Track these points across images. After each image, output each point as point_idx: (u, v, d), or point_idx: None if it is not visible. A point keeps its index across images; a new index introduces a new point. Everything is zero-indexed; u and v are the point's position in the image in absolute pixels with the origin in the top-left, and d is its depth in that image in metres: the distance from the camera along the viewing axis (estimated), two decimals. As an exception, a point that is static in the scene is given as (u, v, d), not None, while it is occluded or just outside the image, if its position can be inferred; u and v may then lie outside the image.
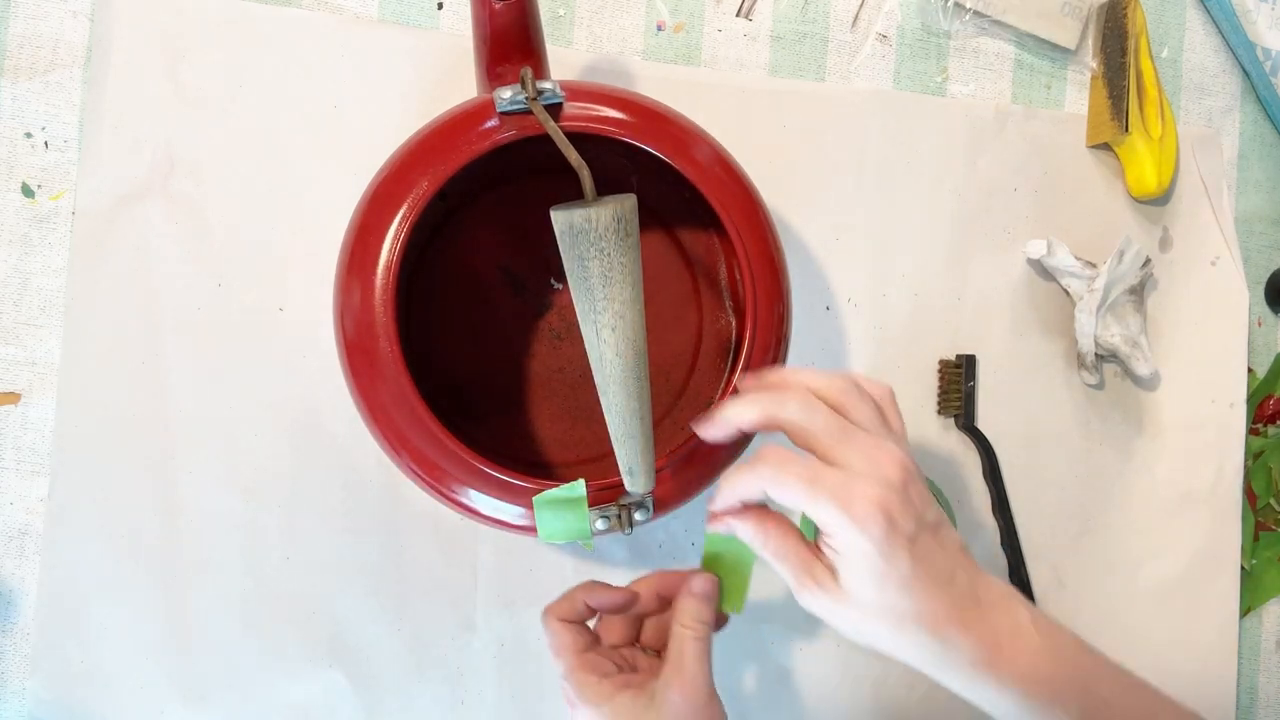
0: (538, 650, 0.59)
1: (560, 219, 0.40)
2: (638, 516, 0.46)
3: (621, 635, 0.48)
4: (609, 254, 0.39)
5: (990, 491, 0.63)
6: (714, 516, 0.43)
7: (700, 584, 0.45)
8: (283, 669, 0.58)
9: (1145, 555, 0.65)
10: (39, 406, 0.56)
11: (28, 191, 0.57)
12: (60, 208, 0.57)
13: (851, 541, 0.39)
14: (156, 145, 0.57)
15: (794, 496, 0.40)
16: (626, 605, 0.47)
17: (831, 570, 0.40)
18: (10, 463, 0.56)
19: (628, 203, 0.40)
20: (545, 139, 0.45)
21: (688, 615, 0.45)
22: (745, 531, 0.42)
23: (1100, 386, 0.65)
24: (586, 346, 0.41)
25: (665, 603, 0.48)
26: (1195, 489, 0.66)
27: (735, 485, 0.42)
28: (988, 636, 0.40)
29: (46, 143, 0.57)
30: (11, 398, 0.56)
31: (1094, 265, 0.63)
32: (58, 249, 0.57)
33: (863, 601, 0.40)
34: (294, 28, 0.58)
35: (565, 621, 0.46)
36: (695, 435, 0.44)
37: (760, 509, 0.43)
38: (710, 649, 0.44)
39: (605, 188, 0.47)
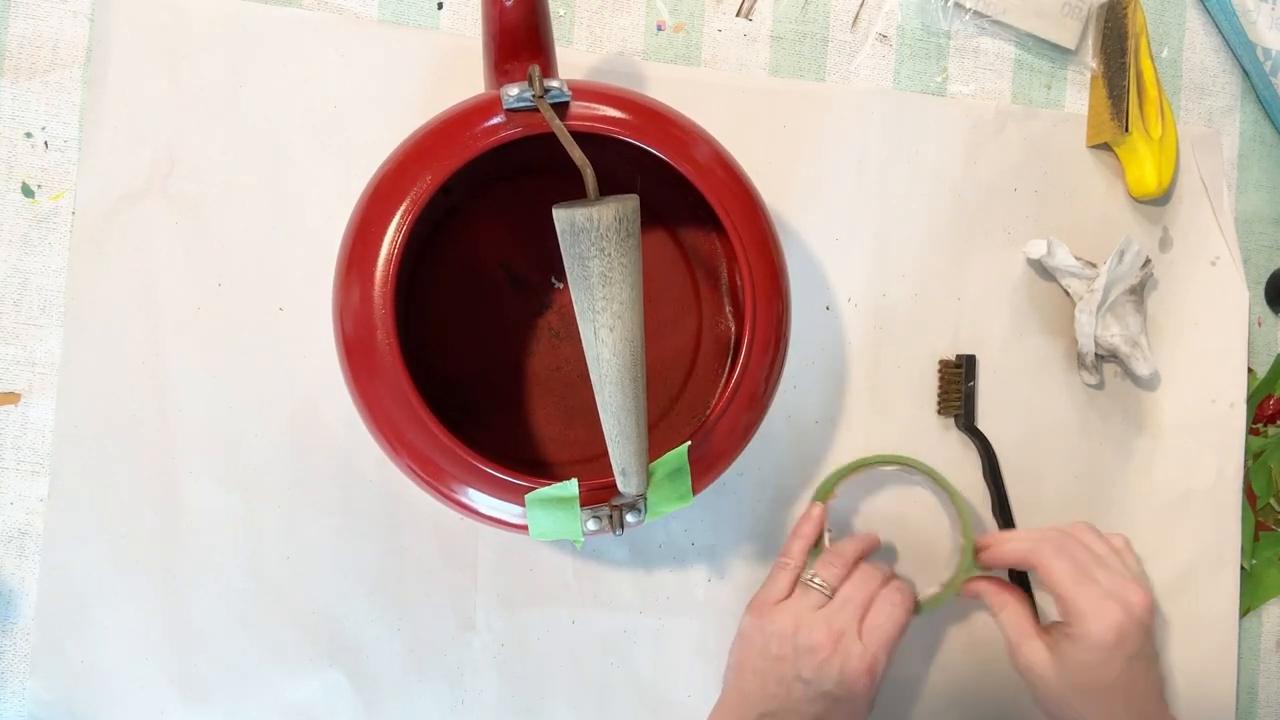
0: (538, 649, 0.59)
1: (562, 217, 0.40)
2: (629, 518, 0.46)
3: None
4: (609, 254, 0.39)
5: (990, 491, 0.63)
6: (984, 563, 0.56)
7: (814, 514, 0.59)
8: (283, 669, 0.58)
9: (1145, 555, 0.65)
10: (39, 406, 0.56)
11: (28, 191, 0.57)
12: (60, 208, 0.57)
13: (1084, 635, 0.50)
14: (156, 145, 0.57)
15: (1056, 587, 0.51)
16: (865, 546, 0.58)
17: (1049, 649, 0.52)
18: (10, 463, 0.56)
19: (630, 203, 0.40)
20: (550, 137, 0.45)
21: (796, 553, 0.57)
22: (991, 601, 0.55)
23: (1100, 386, 0.65)
24: (584, 345, 0.41)
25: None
26: (1195, 489, 0.66)
27: (1016, 543, 0.54)
28: None
29: (46, 143, 0.57)
30: (11, 398, 0.56)
31: (1094, 265, 0.63)
32: (58, 249, 0.57)
33: (1065, 675, 0.51)
34: (294, 27, 0.58)
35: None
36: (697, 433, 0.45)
37: (1009, 588, 0.56)
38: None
39: (608, 188, 0.47)
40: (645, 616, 0.60)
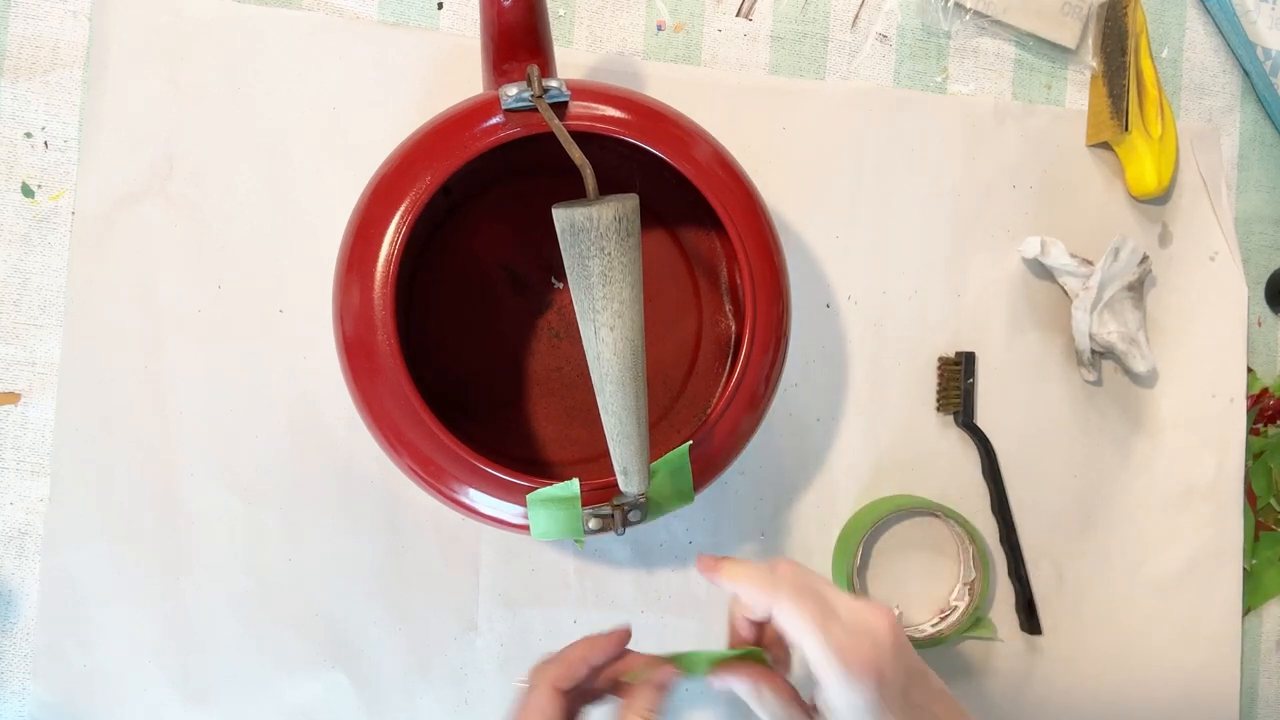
0: (540, 649, 0.59)
1: (561, 217, 0.40)
2: (631, 517, 0.46)
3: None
4: (609, 253, 0.39)
5: (989, 489, 0.63)
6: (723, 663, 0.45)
7: (664, 676, 0.45)
8: (284, 670, 0.58)
9: (1146, 551, 0.65)
10: (39, 406, 0.56)
11: (28, 191, 0.57)
12: (60, 208, 0.57)
13: (842, 698, 0.40)
14: (156, 146, 0.57)
15: (794, 636, 0.41)
16: (622, 648, 0.47)
17: None
18: (10, 463, 0.56)
19: (629, 202, 0.40)
20: (549, 137, 0.45)
21: (644, 704, 0.44)
22: (741, 688, 0.44)
23: (1099, 383, 0.65)
24: (584, 344, 0.41)
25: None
26: (1196, 484, 0.66)
27: (751, 591, 0.42)
28: None
29: (46, 143, 0.57)
30: (11, 398, 0.56)
31: (1090, 263, 0.63)
32: (58, 249, 0.57)
33: None
34: (294, 28, 0.58)
35: (557, 691, 0.44)
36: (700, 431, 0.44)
37: (759, 669, 0.45)
38: None
39: (608, 187, 0.47)
40: (647, 616, 0.60)
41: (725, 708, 0.61)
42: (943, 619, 0.62)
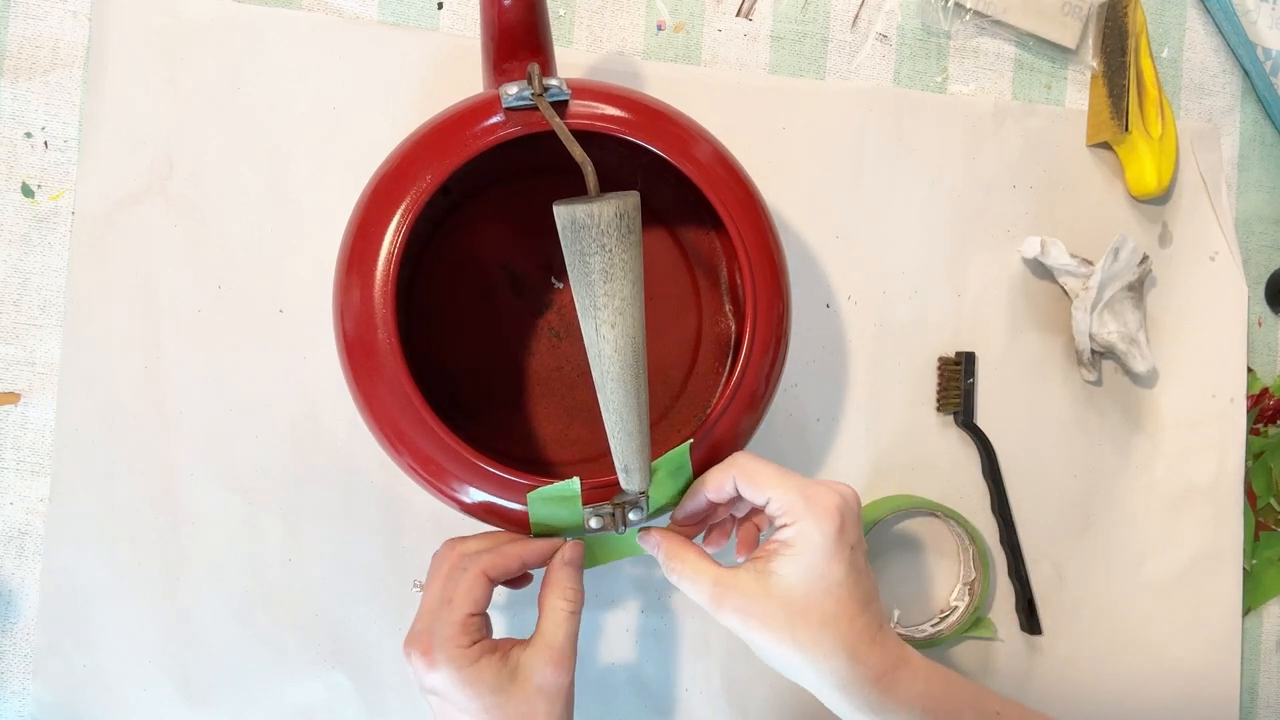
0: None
1: (563, 214, 0.40)
2: (632, 516, 0.46)
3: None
4: (610, 250, 0.39)
5: (990, 489, 0.63)
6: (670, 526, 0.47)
7: (571, 551, 0.46)
8: (285, 670, 0.57)
9: (1146, 551, 0.65)
10: (39, 406, 0.56)
11: (28, 191, 0.57)
12: (60, 208, 0.57)
13: (805, 531, 0.42)
14: (155, 146, 0.57)
15: (763, 482, 0.43)
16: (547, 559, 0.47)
17: (757, 582, 0.42)
18: (10, 463, 0.56)
19: (630, 199, 0.40)
20: (549, 137, 0.45)
21: (561, 586, 0.46)
22: (649, 544, 0.47)
23: (1099, 383, 0.65)
24: (585, 342, 0.41)
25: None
26: (1196, 484, 0.66)
27: (709, 485, 0.46)
28: (891, 657, 0.43)
29: (46, 143, 0.57)
30: (11, 398, 0.56)
31: (1089, 263, 0.63)
32: (58, 249, 0.57)
33: (790, 598, 0.42)
34: (293, 28, 0.58)
35: (487, 578, 0.45)
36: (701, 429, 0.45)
37: (666, 532, 0.47)
38: (579, 624, 0.46)
39: (608, 186, 0.47)
40: (646, 616, 0.60)
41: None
42: (943, 619, 0.62)
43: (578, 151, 0.42)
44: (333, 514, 0.58)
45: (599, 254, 0.39)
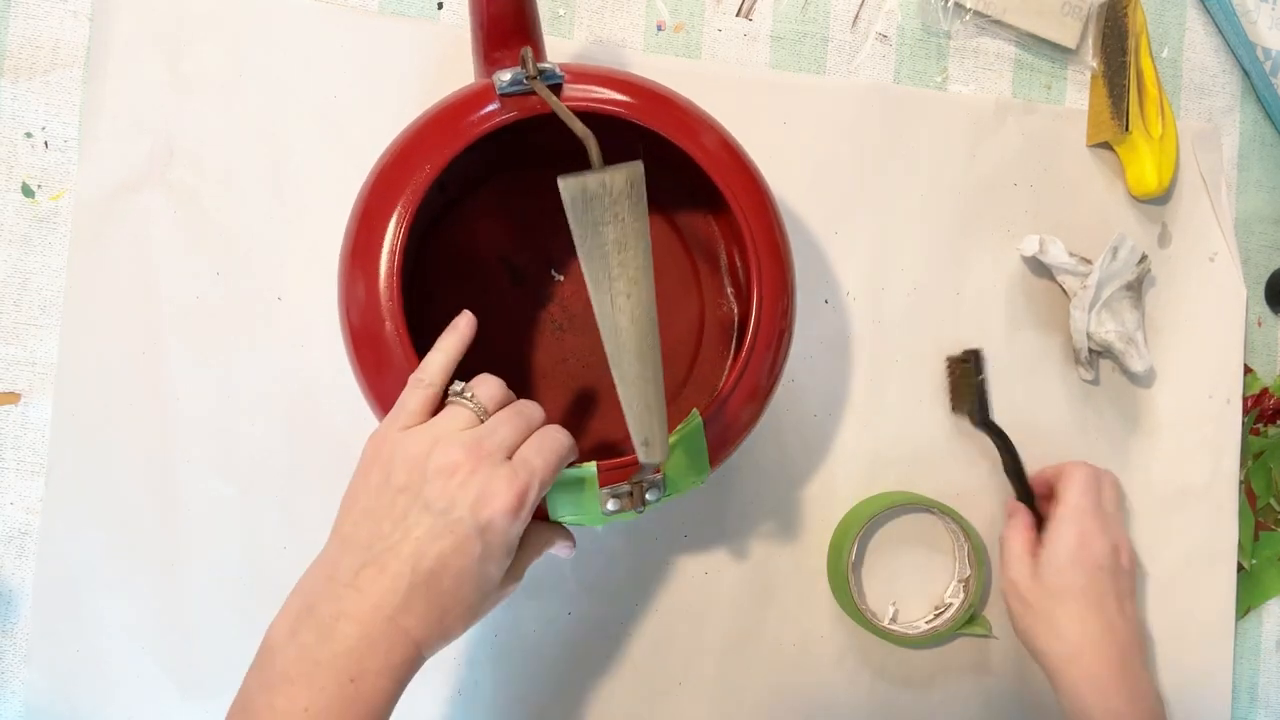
0: (535, 641, 0.59)
1: (572, 185, 0.39)
2: (649, 496, 0.46)
3: None
4: (623, 219, 0.39)
5: (1014, 487, 0.61)
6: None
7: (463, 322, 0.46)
8: (283, 667, 0.58)
9: (1142, 551, 0.65)
10: (39, 406, 0.57)
11: (28, 191, 0.57)
12: (60, 208, 0.57)
13: (1078, 498, 0.57)
14: (156, 134, 0.57)
15: (1076, 476, 0.59)
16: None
17: (1031, 567, 0.58)
18: (10, 463, 0.56)
19: (637, 168, 0.39)
20: (545, 125, 0.45)
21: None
22: (1009, 506, 0.62)
23: (1096, 382, 0.65)
24: (598, 318, 0.41)
25: None
26: (1192, 484, 0.66)
27: (1056, 474, 0.60)
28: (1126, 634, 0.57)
29: (46, 143, 0.57)
30: (11, 398, 0.57)
31: (1088, 261, 0.63)
32: (57, 249, 0.57)
33: (1057, 564, 0.57)
34: (294, 17, 0.58)
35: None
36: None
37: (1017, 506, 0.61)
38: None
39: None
40: (642, 608, 0.60)
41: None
42: (938, 615, 0.62)
43: (578, 126, 0.41)
44: (331, 504, 0.58)
45: (613, 223, 0.39)
